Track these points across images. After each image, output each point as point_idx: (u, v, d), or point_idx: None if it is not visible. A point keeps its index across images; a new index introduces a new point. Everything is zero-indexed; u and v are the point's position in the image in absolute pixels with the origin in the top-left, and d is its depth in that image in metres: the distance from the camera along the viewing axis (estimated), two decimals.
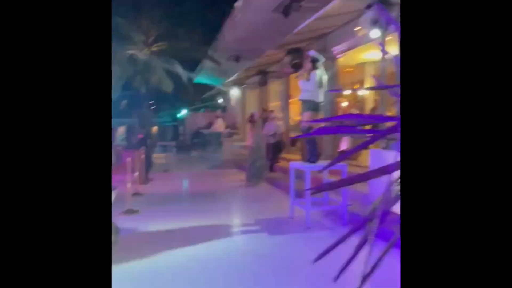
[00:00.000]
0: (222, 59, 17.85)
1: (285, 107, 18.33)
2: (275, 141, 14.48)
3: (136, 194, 10.59)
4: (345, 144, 12.80)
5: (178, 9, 22.30)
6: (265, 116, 15.56)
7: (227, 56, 17.33)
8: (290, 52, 13.53)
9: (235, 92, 27.48)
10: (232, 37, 14.97)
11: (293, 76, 15.99)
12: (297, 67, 12.11)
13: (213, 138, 22.69)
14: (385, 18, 9.03)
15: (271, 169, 13.99)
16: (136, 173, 11.39)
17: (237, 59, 17.57)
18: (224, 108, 32.67)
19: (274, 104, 19.95)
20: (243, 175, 13.65)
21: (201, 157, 23.14)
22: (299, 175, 8.66)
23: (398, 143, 2.32)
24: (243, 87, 26.10)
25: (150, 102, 21.52)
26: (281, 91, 18.69)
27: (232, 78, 22.71)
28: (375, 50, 12.13)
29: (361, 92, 16.58)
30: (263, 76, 19.83)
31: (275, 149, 14.50)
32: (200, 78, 24.55)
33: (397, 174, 2.37)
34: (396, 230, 2.35)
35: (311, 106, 7.95)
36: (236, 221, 8.12)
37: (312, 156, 8.06)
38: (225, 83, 25.71)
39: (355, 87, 16.73)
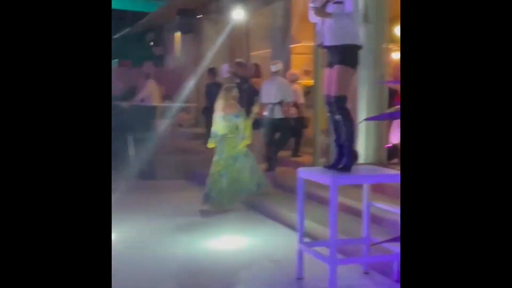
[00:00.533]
0: None
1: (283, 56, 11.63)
2: (297, 116, 9.93)
3: None
4: (396, 135, 8.36)
5: None
6: (252, 72, 10.65)
7: None
8: None
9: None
10: None
11: None
12: None
13: (141, 117, 11.56)
14: None
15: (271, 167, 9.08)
16: None
17: None
18: (161, 59, 20.36)
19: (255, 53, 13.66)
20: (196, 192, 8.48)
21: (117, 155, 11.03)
22: (314, 192, 6.81)
23: None
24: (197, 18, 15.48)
25: None
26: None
27: None
28: None
29: None
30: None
31: (295, 131, 9.89)
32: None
33: None
34: None
35: (354, 56, 5.04)
36: None
37: (348, 157, 4.92)
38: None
39: None
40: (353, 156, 5.01)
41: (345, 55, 4.91)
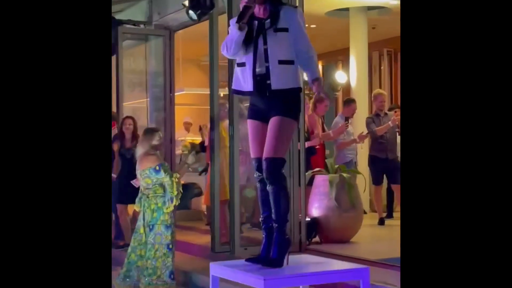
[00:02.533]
0: None
1: None
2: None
3: None
4: (317, 205, 7.04)
5: None
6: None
7: None
8: None
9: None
10: None
11: None
12: None
13: None
14: None
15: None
16: None
17: None
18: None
19: None
20: None
21: None
22: None
23: None
24: None
25: None
26: None
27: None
28: None
29: None
30: None
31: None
32: None
33: None
34: None
35: (298, 104, 4.16)
36: None
37: (279, 245, 3.87)
38: None
39: None
40: (286, 243, 3.89)
41: (289, 103, 3.91)
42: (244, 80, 3.96)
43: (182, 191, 5.78)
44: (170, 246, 5.54)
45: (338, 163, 7.80)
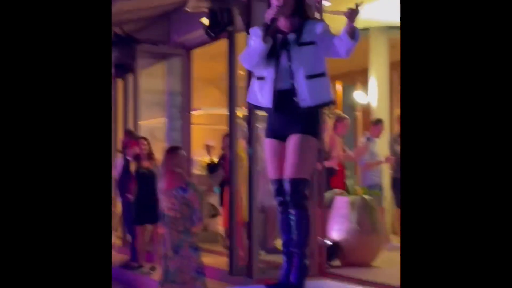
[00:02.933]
0: None
1: None
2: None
3: None
4: (337, 228, 6.80)
5: None
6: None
7: None
8: None
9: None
10: None
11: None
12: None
13: None
14: None
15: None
16: None
17: None
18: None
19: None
20: None
21: None
22: None
23: None
24: None
25: None
26: None
27: None
28: None
29: None
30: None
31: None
32: None
33: None
34: None
35: (319, 122, 4.13)
36: None
37: (298, 271, 3.76)
38: None
39: None
40: (304, 269, 3.79)
41: (310, 120, 3.76)
42: (262, 95, 3.80)
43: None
44: (199, 269, 5.32)
45: (363, 185, 7.67)
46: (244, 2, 6.20)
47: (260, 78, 3.82)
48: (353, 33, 3.54)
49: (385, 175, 9.14)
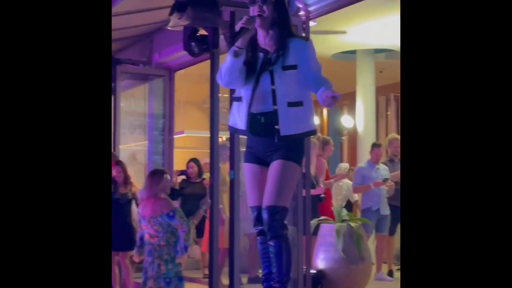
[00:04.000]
0: None
1: None
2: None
3: None
4: (322, 257, 6.63)
5: None
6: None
7: None
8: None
9: None
10: None
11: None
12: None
13: None
14: None
15: None
16: None
17: None
18: None
19: None
20: None
21: None
22: None
23: None
24: None
25: None
26: None
27: None
28: None
29: None
30: None
31: None
32: None
33: None
34: None
35: (302, 147, 3.86)
36: None
37: None
38: None
39: None
40: None
41: (293, 146, 3.52)
42: (239, 116, 3.55)
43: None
44: None
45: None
46: (228, 22, 6.02)
47: (238, 99, 3.58)
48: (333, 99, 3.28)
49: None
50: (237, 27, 3.43)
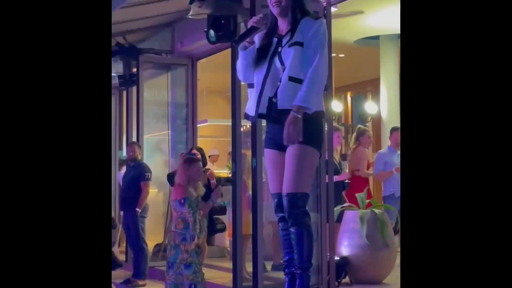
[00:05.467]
0: None
1: None
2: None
3: None
4: (346, 243, 6.59)
5: None
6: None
7: None
8: None
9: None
10: None
11: None
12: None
13: None
14: None
15: None
16: None
17: None
18: None
19: None
20: None
21: None
22: None
23: None
24: None
25: None
26: None
27: None
28: None
29: None
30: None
31: None
32: None
33: None
34: None
35: (320, 131, 3.74)
36: None
37: None
38: None
39: None
40: None
41: (309, 129, 3.39)
42: (251, 102, 3.53)
43: (206, 229, 5.44)
44: (192, 287, 5.13)
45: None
46: (248, 9, 6.00)
47: (251, 86, 3.58)
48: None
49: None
50: (249, 25, 3.45)
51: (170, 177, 7.13)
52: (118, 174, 9.83)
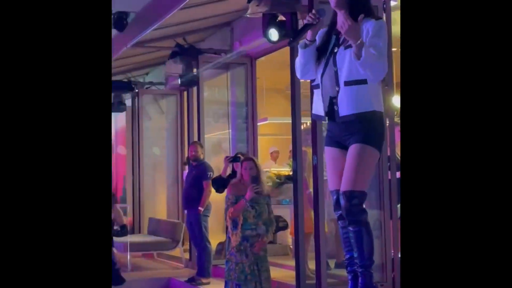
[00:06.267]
0: None
1: None
2: None
3: None
4: None
5: None
6: None
7: None
8: None
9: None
10: None
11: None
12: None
13: None
14: None
15: None
16: None
17: None
18: None
19: None
20: None
21: None
22: None
23: None
24: None
25: None
26: None
27: None
28: None
29: None
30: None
31: None
32: None
33: None
34: None
35: (380, 131, 3.68)
36: None
37: None
38: None
39: None
40: None
41: (370, 130, 3.40)
42: (319, 103, 3.53)
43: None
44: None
45: None
46: (306, 6, 5.97)
47: (316, 87, 3.58)
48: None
49: None
50: (305, 21, 3.43)
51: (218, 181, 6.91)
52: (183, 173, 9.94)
